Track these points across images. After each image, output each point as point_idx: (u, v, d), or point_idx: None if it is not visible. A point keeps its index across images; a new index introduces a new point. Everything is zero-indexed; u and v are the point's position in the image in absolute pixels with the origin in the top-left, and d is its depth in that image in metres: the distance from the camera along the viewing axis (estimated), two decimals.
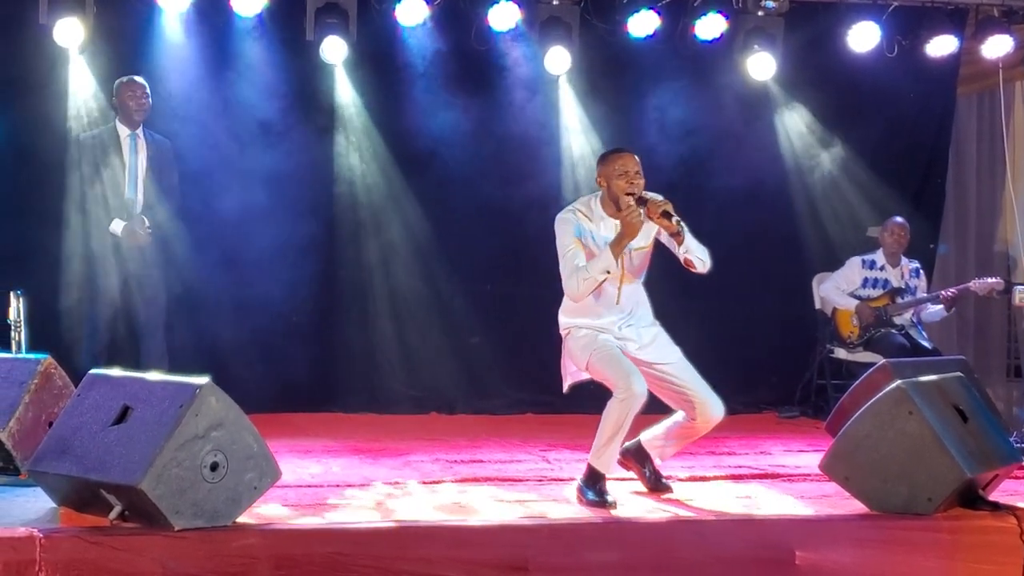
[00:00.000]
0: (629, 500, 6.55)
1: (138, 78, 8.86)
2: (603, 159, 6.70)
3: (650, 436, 6.84)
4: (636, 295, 6.77)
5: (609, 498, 6.37)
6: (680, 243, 6.55)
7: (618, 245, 6.48)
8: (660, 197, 6.59)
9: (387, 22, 9.70)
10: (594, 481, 6.48)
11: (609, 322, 6.64)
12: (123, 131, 8.83)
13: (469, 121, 10.14)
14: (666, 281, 10.50)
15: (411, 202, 10.11)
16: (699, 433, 6.81)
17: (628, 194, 6.51)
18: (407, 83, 10.11)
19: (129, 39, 9.50)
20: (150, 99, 8.87)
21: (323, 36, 9.52)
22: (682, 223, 6.53)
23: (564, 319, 6.73)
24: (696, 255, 6.65)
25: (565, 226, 6.62)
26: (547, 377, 7.83)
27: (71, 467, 5.51)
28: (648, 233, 6.66)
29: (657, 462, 6.85)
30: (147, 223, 8.79)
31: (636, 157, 6.62)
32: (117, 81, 8.88)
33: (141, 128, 8.87)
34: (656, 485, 6.77)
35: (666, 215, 6.47)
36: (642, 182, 6.59)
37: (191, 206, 9.32)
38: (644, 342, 6.73)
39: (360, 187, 10.13)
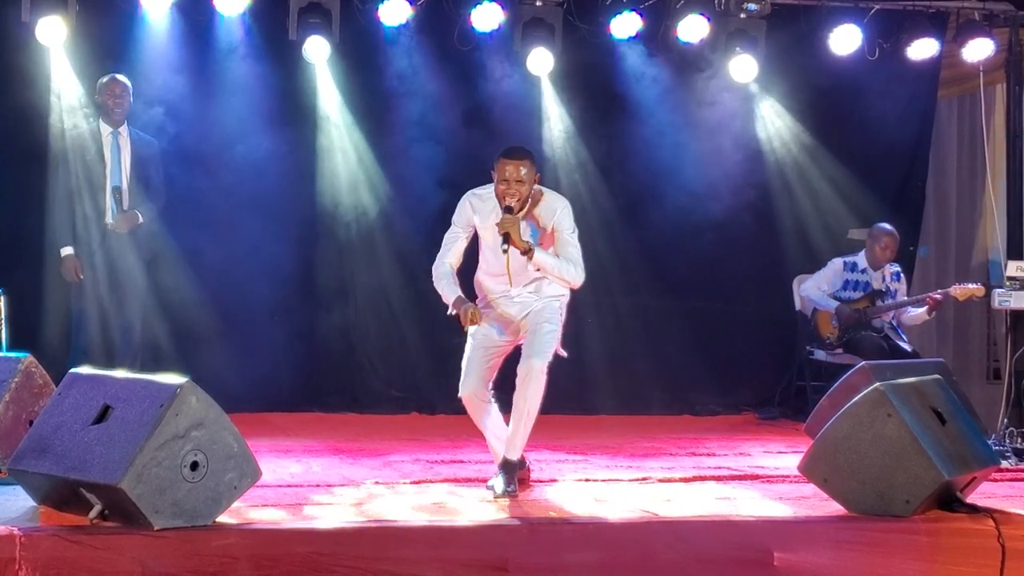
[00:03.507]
0: (608, 500, 6.56)
1: (120, 77, 8.85)
2: (497, 157, 6.83)
3: (498, 444, 6.92)
4: (532, 284, 6.88)
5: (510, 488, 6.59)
6: (530, 259, 6.70)
7: (459, 308, 6.72)
8: (552, 211, 6.77)
9: (370, 22, 9.70)
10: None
11: (500, 291, 6.87)
12: (105, 129, 8.82)
13: (450, 121, 10.15)
14: (648, 282, 10.65)
15: (393, 201, 10.12)
16: (519, 393, 6.71)
17: (506, 208, 6.67)
18: (389, 83, 10.11)
19: (111, 37, 9.48)
20: (131, 98, 8.86)
21: (306, 36, 9.51)
22: (531, 246, 6.66)
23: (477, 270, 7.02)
24: (554, 274, 6.79)
25: (459, 208, 6.96)
26: None
27: (51, 466, 5.50)
28: (533, 228, 6.78)
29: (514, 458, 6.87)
30: (140, 218, 8.79)
31: (523, 164, 6.72)
32: (99, 80, 8.87)
33: (125, 126, 8.86)
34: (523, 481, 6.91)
35: (505, 239, 6.64)
36: (522, 189, 6.70)
37: (171, 205, 9.31)
38: (512, 327, 6.87)
39: (341, 186, 10.13)
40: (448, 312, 6.87)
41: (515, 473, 6.71)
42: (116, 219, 8.73)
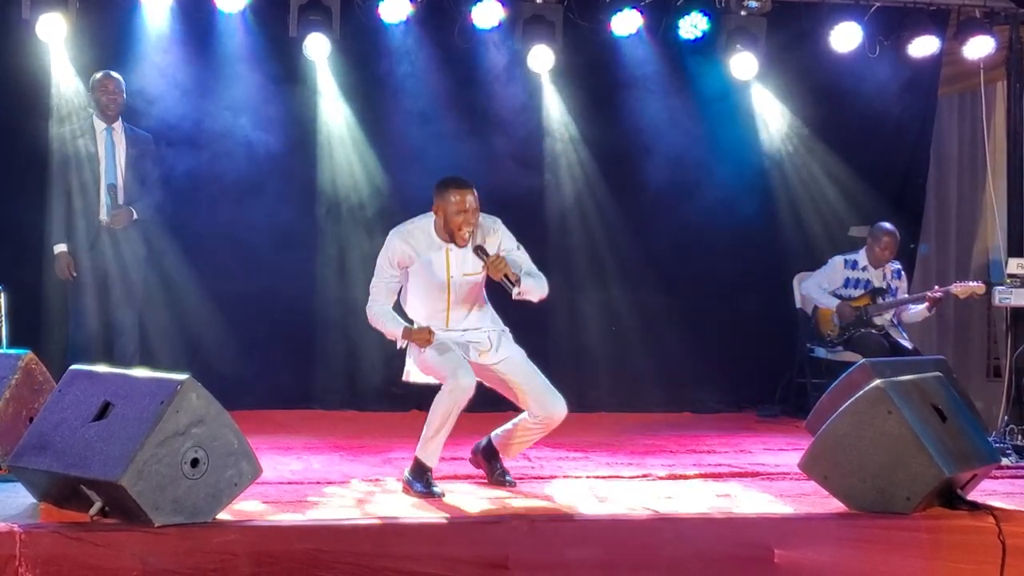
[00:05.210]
0: (608, 498, 6.57)
1: (113, 73, 8.83)
2: (441, 189, 6.67)
3: (498, 433, 6.95)
4: (471, 316, 6.82)
5: (436, 490, 6.48)
6: (518, 288, 6.62)
7: (410, 337, 6.67)
8: (498, 233, 6.72)
9: (370, 19, 9.69)
10: (421, 473, 6.57)
11: (444, 335, 6.73)
12: (99, 125, 8.80)
13: (451, 118, 10.14)
14: (647, 279, 10.65)
15: (393, 198, 10.11)
16: (544, 430, 6.83)
17: (477, 249, 6.61)
18: (390, 80, 10.11)
19: (112, 34, 9.48)
20: (124, 94, 8.83)
21: (306, 33, 9.51)
22: (523, 266, 6.64)
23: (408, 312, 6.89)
24: (532, 296, 6.72)
25: (390, 249, 6.78)
26: None
27: (51, 463, 5.51)
28: (478, 263, 6.68)
29: (505, 460, 6.96)
30: (135, 215, 8.78)
31: (473, 191, 6.64)
32: (92, 76, 8.86)
33: (120, 122, 8.84)
34: (501, 480, 6.85)
35: (507, 279, 6.56)
36: (477, 218, 6.64)
37: (171, 201, 9.31)
38: (483, 348, 6.79)
39: (342, 185, 10.12)
40: (398, 346, 6.83)
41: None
42: (111, 215, 8.72)
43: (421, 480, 6.53)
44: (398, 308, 6.94)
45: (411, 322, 6.84)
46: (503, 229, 6.78)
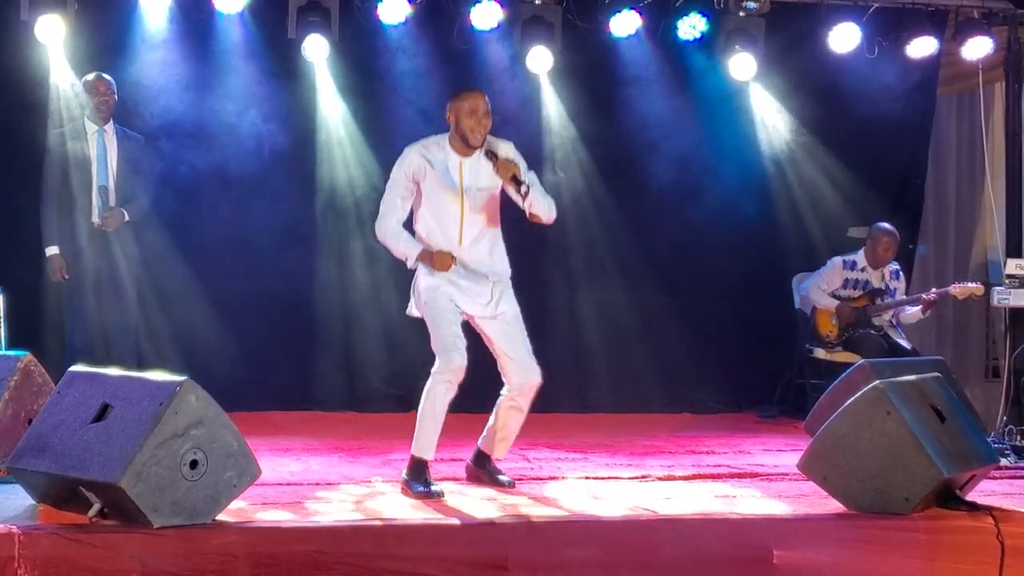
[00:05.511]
0: (607, 498, 6.57)
1: (105, 75, 8.81)
2: (453, 95, 6.73)
3: (483, 436, 6.96)
4: (484, 241, 6.78)
5: (435, 488, 6.48)
6: (525, 199, 6.62)
7: (430, 260, 6.62)
8: (510, 150, 6.71)
9: (369, 20, 9.70)
10: (419, 472, 6.59)
11: (451, 273, 6.67)
12: (91, 127, 8.77)
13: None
14: (647, 279, 10.65)
15: None
16: (519, 405, 6.79)
17: (488, 152, 6.61)
18: (389, 81, 10.11)
19: (110, 35, 9.48)
20: (115, 96, 8.81)
21: (305, 34, 9.51)
22: (531, 182, 6.63)
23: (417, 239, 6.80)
24: (543, 212, 6.72)
25: (405, 162, 6.72)
26: None
27: (50, 464, 5.50)
28: (493, 175, 6.69)
29: (496, 457, 6.96)
30: (126, 216, 8.76)
31: (486, 97, 6.68)
32: (84, 78, 8.85)
33: (111, 124, 8.82)
34: (497, 482, 6.84)
35: (515, 180, 6.56)
36: (489, 123, 6.66)
37: (170, 203, 9.31)
38: (483, 300, 6.75)
39: (341, 185, 10.12)
40: (410, 265, 6.71)
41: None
42: (103, 217, 8.70)
43: (419, 480, 6.54)
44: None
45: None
46: (516, 151, 6.78)
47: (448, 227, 6.69)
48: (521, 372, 6.72)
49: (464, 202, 6.68)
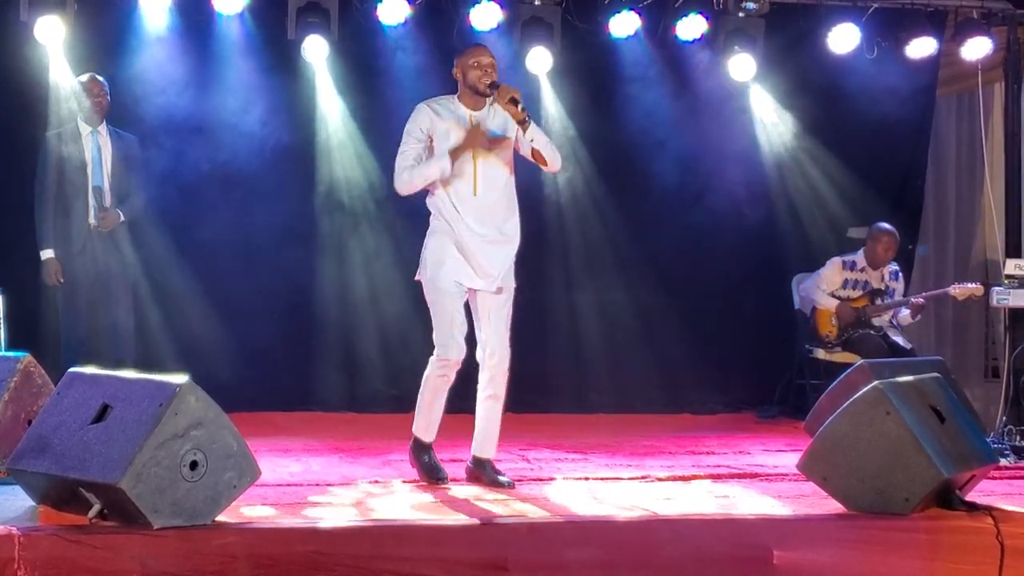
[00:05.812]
0: (607, 499, 6.57)
1: (98, 76, 8.79)
2: (460, 53, 6.87)
3: (473, 440, 6.99)
4: (499, 193, 6.82)
5: (442, 473, 6.75)
6: (525, 130, 6.69)
7: (456, 152, 6.67)
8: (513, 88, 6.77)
9: (369, 21, 9.70)
10: (421, 450, 6.89)
11: (463, 227, 6.73)
12: (84, 128, 8.76)
13: None
14: (646, 279, 10.65)
15: (392, 201, 10.09)
16: (494, 393, 6.87)
17: (492, 84, 6.70)
18: (388, 82, 10.10)
19: (110, 37, 9.47)
20: (109, 96, 8.80)
21: (304, 35, 9.51)
22: (528, 115, 6.70)
23: (429, 201, 6.89)
24: (545, 149, 6.77)
25: (418, 118, 6.81)
26: (527, 376, 7.87)
27: (50, 465, 5.50)
28: (506, 125, 6.80)
29: (491, 456, 6.95)
30: (122, 217, 8.75)
31: (492, 55, 6.80)
32: (78, 79, 8.85)
33: (104, 125, 8.81)
34: (496, 482, 6.84)
35: (513, 101, 6.64)
36: (495, 73, 6.76)
37: (170, 203, 9.31)
38: (489, 272, 6.78)
39: (341, 187, 10.13)
40: (447, 172, 6.66)
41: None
42: (98, 218, 8.69)
43: (422, 455, 6.88)
44: (420, 200, 6.95)
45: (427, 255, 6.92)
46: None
47: (462, 179, 6.76)
48: (494, 353, 6.82)
49: (477, 153, 6.74)
